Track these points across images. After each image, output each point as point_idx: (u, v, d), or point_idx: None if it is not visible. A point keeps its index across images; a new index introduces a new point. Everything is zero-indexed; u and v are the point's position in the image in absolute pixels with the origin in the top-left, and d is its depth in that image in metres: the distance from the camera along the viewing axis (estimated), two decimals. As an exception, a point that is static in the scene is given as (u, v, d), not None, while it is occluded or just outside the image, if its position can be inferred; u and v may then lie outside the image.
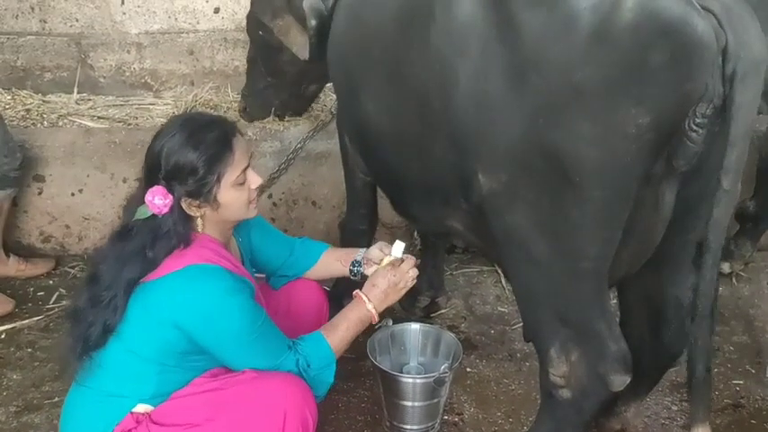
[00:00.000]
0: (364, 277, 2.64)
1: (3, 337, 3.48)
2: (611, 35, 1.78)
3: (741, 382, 3.22)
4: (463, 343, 3.06)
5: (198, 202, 2.15)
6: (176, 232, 2.13)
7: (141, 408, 2.21)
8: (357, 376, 3.10)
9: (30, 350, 3.39)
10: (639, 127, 1.83)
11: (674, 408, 3.05)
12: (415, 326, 3.02)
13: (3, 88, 4.88)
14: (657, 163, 1.96)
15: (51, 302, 3.76)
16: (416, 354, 3.02)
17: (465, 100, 2.07)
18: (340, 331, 2.38)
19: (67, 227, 4.22)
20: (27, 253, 4.18)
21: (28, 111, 4.59)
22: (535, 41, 1.89)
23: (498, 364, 3.33)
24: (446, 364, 2.76)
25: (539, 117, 1.91)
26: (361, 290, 2.49)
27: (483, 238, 2.40)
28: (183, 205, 2.15)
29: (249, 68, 4.20)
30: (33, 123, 4.43)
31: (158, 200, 2.09)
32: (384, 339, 2.98)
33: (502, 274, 4.09)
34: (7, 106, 4.63)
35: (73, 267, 4.10)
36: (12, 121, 4.43)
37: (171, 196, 2.11)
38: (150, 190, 2.11)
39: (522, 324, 3.46)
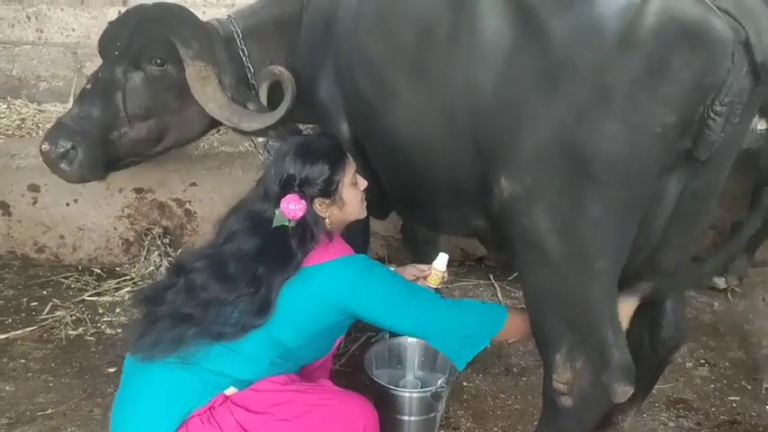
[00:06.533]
0: None
1: (-5, 347, 3.46)
2: (637, 38, 1.89)
3: (737, 398, 3.22)
4: (459, 357, 3.05)
5: (328, 201, 2.44)
6: (317, 230, 2.39)
7: (230, 390, 2.29)
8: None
9: (23, 361, 3.36)
10: (665, 125, 1.94)
11: (671, 424, 3.05)
12: (411, 340, 3.00)
13: (-2, 97, 4.87)
14: (671, 156, 2.05)
15: (45, 313, 3.73)
16: (413, 368, 3.01)
17: (490, 110, 2.17)
18: (520, 312, 2.52)
19: (62, 237, 4.20)
20: (21, 263, 4.15)
21: (23, 120, 4.60)
22: (564, 48, 1.99)
23: (495, 379, 3.32)
24: (443, 379, 2.75)
25: (568, 120, 2.00)
26: None
27: (500, 239, 2.45)
28: (316, 206, 2.42)
29: (95, 100, 3.11)
30: (29, 133, 4.43)
31: (293, 205, 2.35)
32: (381, 353, 2.97)
33: (498, 288, 4.10)
34: (2, 115, 4.63)
35: (67, 278, 4.07)
36: (7, 130, 4.43)
37: (303, 201, 2.37)
38: (284, 199, 2.37)
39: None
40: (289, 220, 2.36)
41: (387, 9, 2.54)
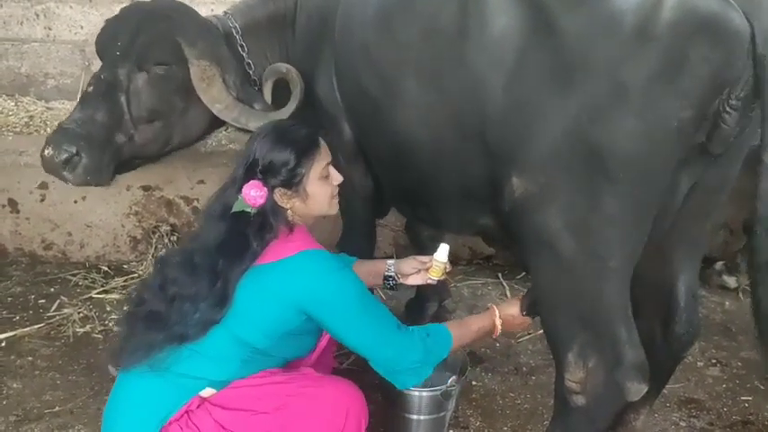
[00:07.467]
0: (400, 288, 2.84)
1: (3, 345, 3.45)
2: (654, 33, 1.87)
3: (750, 398, 3.19)
4: (468, 356, 3.03)
5: (290, 192, 2.31)
6: (275, 221, 2.28)
7: (207, 392, 2.26)
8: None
9: (30, 358, 3.35)
10: (681, 120, 1.92)
11: (683, 423, 3.02)
12: (421, 338, 2.98)
13: (6, 95, 4.89)
14: (686, 151, 2.03)
15: (52, 310, 3.73)
16: (422, 366, 2.99)
17: (502, 109, 2.14)
18: (461, 327, 2.51)
19: (69, 234, 4.20)
20: (29, 260, 4.14)
21: (31, 118, 4.60)
22: (578, 44, 1.96)
23: (504, 378, 3.30)
24: (453, 378, 2.73)
25: (583, 116, 1.98)
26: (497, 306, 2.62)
27: (510, 237, 2.43)
28: (277, 196, 2.30)
29: (98, 102, 3.03)
30: (36, 130, 4.43)
31: (254, 191, 2.25)
32: (390, 352, 2.94)
33: (507, 287, 4.07)
34: (10, 113, 4.64)
35: (74, 275, 4.06)
36: (15, 127, 4.43)
37: (265, 189, 2.27)
38: (246, 184, 2.26)
39: (526, 337, 3.50)
40: (250, 207, 2.26)
41: (393, 8, 2.51)
